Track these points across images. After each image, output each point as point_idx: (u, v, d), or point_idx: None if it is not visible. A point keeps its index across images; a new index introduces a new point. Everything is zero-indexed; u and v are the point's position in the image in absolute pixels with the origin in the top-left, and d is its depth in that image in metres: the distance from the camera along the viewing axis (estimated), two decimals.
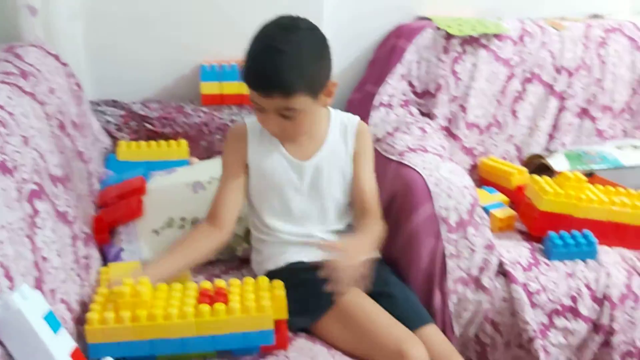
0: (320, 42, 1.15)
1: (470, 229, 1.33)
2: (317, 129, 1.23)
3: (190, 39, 1.73)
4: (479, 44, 1.81)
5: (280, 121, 1.13)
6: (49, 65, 1.37)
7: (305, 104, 1.12)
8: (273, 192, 1.23)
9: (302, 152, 1.23)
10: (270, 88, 1.09)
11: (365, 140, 1.27)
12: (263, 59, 1.10)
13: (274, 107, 1.11)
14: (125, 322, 0.95)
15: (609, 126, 1.98)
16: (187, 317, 0.96)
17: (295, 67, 1.08)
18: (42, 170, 1.02)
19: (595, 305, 1.39)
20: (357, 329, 1.10)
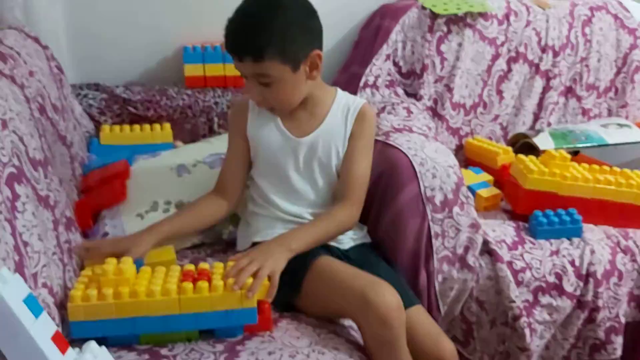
0: (302, 10, 1.15)
1: (455, 208, 1.34)
2: (317, 105, 1.23)
3: (172, 20, 1.71)
4: (464, 24, 1.80)
5: (260, 89, 1.15)
6: (28, 47, 1.35)
7: (280, 71, 1.11)
8: (269, 166, 1.25)
9: (299, 129, 1.23)
10: (240, 51, 1.11)
11: (365, 123, 1.24)
12: (236, 22, 1.13)
13: (249, 72, 1.13)
14: (107, 299, 0.94)
15: (594, 105, 1.98)
16: (170, 294, 0.95)
17: (266, 31, 1.09)
18: (21, 153, 1.01)
19: (580, 282, 1.40)
20: (327, 285, 1.09)
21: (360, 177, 1.24)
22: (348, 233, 1.26)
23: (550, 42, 1.89)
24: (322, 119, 1.23)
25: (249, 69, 1.12)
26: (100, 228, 1.29)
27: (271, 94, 1.15)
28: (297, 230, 1.17)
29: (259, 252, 1.07)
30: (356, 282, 1.05)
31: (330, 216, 1.20)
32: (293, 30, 1.12)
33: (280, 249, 1.09)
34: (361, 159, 1.24)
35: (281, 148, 1.23)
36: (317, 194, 1.25)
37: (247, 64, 1.11)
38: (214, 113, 1.70)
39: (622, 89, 2.00)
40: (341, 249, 1.24)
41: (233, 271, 1.00)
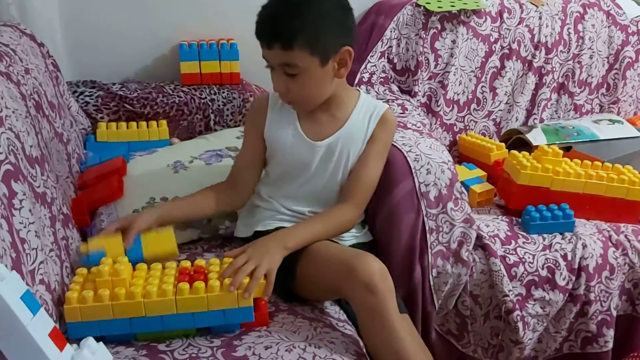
0: (337, 4, 1.14)
1: (449, 204, 1.35)
2: (339, 108, 1.22)
3: (168, 18, 1.71)
4: (458, 21, 1.81)
5: (285, 80, 1.13)
6: (24, 45, 1.35)
7: (308, 62, 1.10)
8: (282, 167, 1.25)
9: (318, 132, 1.22)
10: (270, 37, 1.09)
11: (385, 129, 1.24)
12: (269, 7, 1.11)
13: (277, 61, 1.11)
14: (104, 300, 0.95)
15: (586, 101, 2.00)
16: (167, 295, 0.96)
17: (298, 18, 1.08)
18: (18, 150, 1.01)
19: (572, 276, 1.42)
20: (319, 264, 1.10)
21: (369, 180, 1.23)
22: (350, 231, 1.28)
23: (543, 39, 1.91)
24: (344, 122, 1.23)
25: (277, 57, 1.10)
26: (97, 224, 1.30)
27: (296, 86, 1.13)
28: (296, 227, 1.17)
29: (255, 249, 1.08)
30: (343, 255, 1.07)
31: (331, 215, 1.20)
32: (327, 22, 1.10)
33: (276, 246, 1.09)
34: (374, 163, 1.24)
35: (297, 151, 1.22)
36: (326, 195, 1.26)
37: (275, 51, 1.09)
38: (209, 110, 1.71)
39: (613, 85, 2.02)
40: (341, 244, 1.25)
41: (229, 270, 1.01)
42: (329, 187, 1.26)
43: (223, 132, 1.62)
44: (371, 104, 1.26)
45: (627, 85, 2.03)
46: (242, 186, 1.28)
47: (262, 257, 1.05)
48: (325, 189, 1.26)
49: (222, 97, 1.71)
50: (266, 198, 1.28)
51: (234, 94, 1.72)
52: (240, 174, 1.28)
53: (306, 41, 1.08)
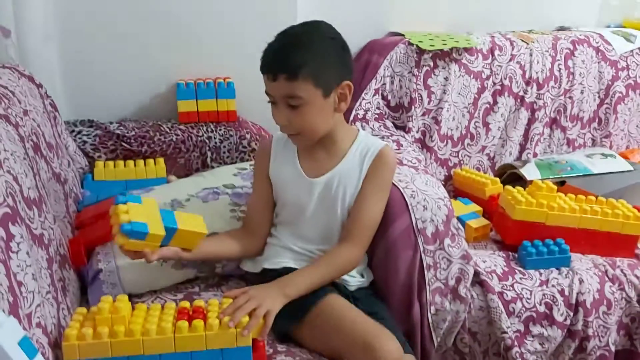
0: (339, 43, 1.18)
1: (446, 240, 1.35)
2: (337, 144, 1.25)
3: (165, 57, 1.73)
4: (450, 58, 1.85)
5: (288, 113, 1.15)
6: (22, 86, 1.37)
7: (312, 94, 1.13)
8: (285, 203, 1.28)
9: (316, 169, 1.25)
10: (275, 68, 1.13)
11: (381, 166, 1.24)
12: (276, 41, 1.16)
13: (281, 93, 1.14)
14: (102, 337, 0.94)
15: (579, 135, 2.03)
16: (166, 333, 0.96)
17: (303, 51, 1.12)
18: (15, 193, 1.02)
19: (570, 311, 1.42)
20: (331, 325, 1.10)
21: (368, 219, 1.24)
22: (355, 275, 1.28)
23: (535, 75, 1.94)
24: (340, 159, 1.25)
25: (280, 89, 1.13)
26: (93, 265, 1.29)
27: (299, 118, 1.15)
28: (298, 274, 1.17)
29: (257, 291, 1.08)
30: (360, 327, 1.07)
31: (333, 258, 1.21)
32: (330, 57, 1.15)
33: (277, 292, 1.10)
34: (371, 201, 1.24)
35: (297, 187, 1.25)
36: (329, 232, 1.27)
37: (279, 83, 1.12)
38: (206, 147, 1.72)
39: (605, 119, 2.05)
40: (349, 290, 1.26)
41: (230, 309, 1.01)
42: (331, 225, 1.27)
43: (220, 170, 1.62)
44: (369, 142, 1.28)
45: (619, 119, 2.06)
46: (257, 231, 1.30)
47: (263, 298, 1.06)
48: (328, 227, 1.27)
49: (219, 134, 1.73)
50: (275, 235, 1.29)
51: (230, 131, 1.74)
52: (253, 219, 1.31)
53: (310, 72, 1.12)
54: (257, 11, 1.74)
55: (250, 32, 1.74)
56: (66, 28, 1.63)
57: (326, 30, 1.18)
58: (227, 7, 1.72)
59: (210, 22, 1.73)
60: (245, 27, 1.74)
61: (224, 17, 1.73)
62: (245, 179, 1.52)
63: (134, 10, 1.67)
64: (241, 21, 1.74)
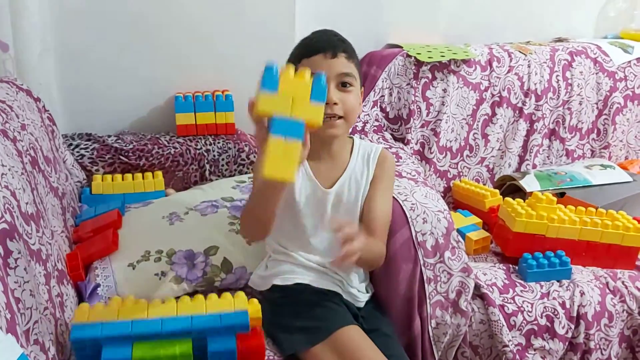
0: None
1: (447, 253, 1.35)
2: (340, 153, 1.27)
3: (163, 70, 1.74)
4: (448, 70, 1.85)
5: (339, 92, 1.18)
6: (20, 100, 1.36)
7: (357, 79, 1.21)
8: (296, 215, 1.24)
9: (327, 179, 1.24)
10: (336, 45, 1.18)
11: (386, 167, 1.28)
12: (325, 32, 1.24)
13: (338, 70, 1.18)
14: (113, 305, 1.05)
15: (578, 146, 2.03)
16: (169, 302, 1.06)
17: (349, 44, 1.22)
18: (13, 208, 1.01)
19: (571, 324, 1.41)
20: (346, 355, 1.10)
21: (383, 216, 1.26)
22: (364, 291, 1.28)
23: (533, 86, 1.95)
24: (345, 167, 1.26)
25: (340, 66, 1.18)
26: (91, 279, 1.28)
27: (349, 97, 1.19)
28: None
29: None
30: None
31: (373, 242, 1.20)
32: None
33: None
34: (383, 199, 1.26)
35: (311, 200, 1.23)
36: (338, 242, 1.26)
37: (339, 60, 1.17)
38: (205, 160, 1.72)
39: (604, 130, 2.05)
40: (357, 306, 1.26)
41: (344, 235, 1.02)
42: None
43: (218, 182, 1.62)
44: (367, 147, 1.30)
45: (617, 130, 2.06)
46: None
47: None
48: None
49: (217, 147, 1.72)
50: (284, 251, 1.26)
51: (229, 144, 1.73)
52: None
53: (357, 62, 1.22)
54: (256, 24, 1.74)
55: (249, 45, 1.74)
56: (64, 42, 1.64)
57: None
58: (225, 20, 1.73)
59: (209, 35, 1.73)
60: (244, 40, 1.75)
61: (223, 30, 1.73)
62: (244, 192, 1.52)
63: (131, 24, 1.67)
64: (239, 34, 1.74)
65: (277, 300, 1.18)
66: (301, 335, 1.12)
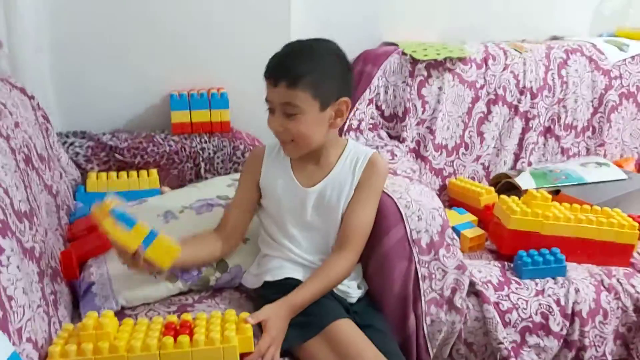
0: (343, 61, 1.21)
1: (441, 250, 1.35)
2: (326, 156, 1.26)
3: (159, 68, 1.73)
4: (444, 68, 1.85)
5: (283, 120, 1.17)
6: (14, 98, 1.36)
7: (309, 104, 1.15)
8: (280, 213, 1.27)
9: (309, 179, 1.26)
10: (278, 74, 1.15)
11: (372, 173, 1.26)
12: (283, 49, 1.19)
13: (279, 100, 1.15)
14: (87, 354, 0.93)
15: (573, 144, 2.03)
16: (150, 350, 0.94)
17: (306, 62, 1.14)
18: (6, 206, 1.01)
19: (566, 321, 1.41)
20: (345, 356, 1.10)
21: (361, 225, 1.25)
22: (355, 288, 1.29)
23: (528, 84, 1.95)
24: (330, 169, 1.26)
25: (280, 95, 1.15)
26: (86, 277, 1.28)
27: (293, 125, 1.17)
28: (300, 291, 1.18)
29: (278, 331, 1.11)
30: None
31: (329, 269, 1.22)
32: (332, 72, 1.17)
33: (289, 317, 1.15)
34: (364, 207, 1.25)
35: (291, 198, 1.26)
36: (325, 239, 1.27)
37: (280, 89, 1.14)
38: (200, 158, 1.71)
39: (599, 128, 2.06)
40: (349, 302, 1.26)
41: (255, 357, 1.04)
42: (329, 235, 1.27)
43: (213, 181, 1.62)
44: (359, 150, 1.29)
45: (612, 128, 2.06)
46: (228, 233, 1.30)
47: (280, 339, 1.11)
48: (326, 236, 1.27)
49: (212, 145, 1.72)
50: (274, 246, 1.29)
51: (224, 142, 1.73)
52: (227, 222, 1.30)
53: (310, 83, 1.14)
54: (251, 22, 1.74)
55: (244, 42, 1.74)
56: (58, 40, 1.63)
57: (333, 47, 1.20)
58: (220, 18, 1.73)
59: (204, 33, 1.73)
60: (239, 38, 1.75)
61: (218, 29, 1.73)
62: None
63: (126, 22, 1.67)
64: (235, 32, 1.74)
65: (270, 297, 1.18)
66: (294, 330, 1.13)
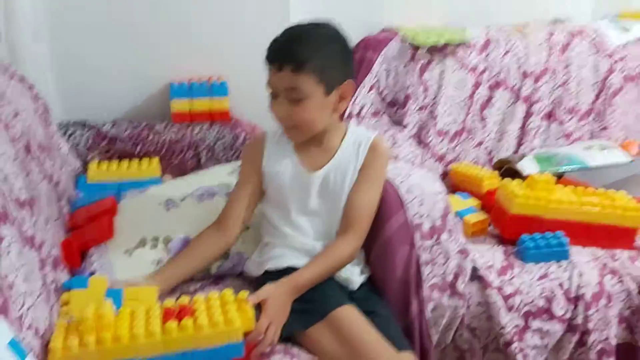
0: (346, 45, 1.19)
1: (443, 235, 1.34)
2: (329, 139, 1.25)
3: (158, 57, 1.73)
4: (445, 53, 1.84)
5: (287, 106, 1.15)
6: (13, 87, 1.35)
7: (313, 89, 1.13)
8: (283, 199, 1.26)
9: (312, 164, 1.25)
10: (282, 59, 1.12)
11: (375, 156, 1.25)
12: (286, 32, 1.16)
13: (284, 85, 1.14)
14: (89, 346, 0.92)
15: (576, 128, 2.02)
16: (154, 336, 0.94)
17: (311, 44, 1.13)
18: (6, 194, 1.01)
19: (570, 305, 1.41)
20: (348, 342, 1.10)
21: (364, 209, 1.24)
22: (358, 274, 1.28)
23: (530, 68, 1.93)
24: (334, 153, 1.25)
25: (284, 80, 1.13)
26: (87, 266, 1.28)
27: (298, 111, 1.15)
28: (301, 274, 1.18)
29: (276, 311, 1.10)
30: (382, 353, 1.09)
31: (333, 252, 1.22)
32: (336, 56, 1.16)
33: (289, 302, 1.14)
34: (367, 190, 1.25)
35: (295, 182, 1.25)
36: (329, 225, 1.27)
37: (284, 74, 1.12)
38: (201, 147, 1.71)
39: (602, 111, 2.04)
40: (351, 289, 1.25)
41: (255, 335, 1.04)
42: (333, 223, 1.26)
43: (214, 169, 1.61)
44: (360, 133, 1.28)
45: (616, 111, 2.05)
46: (229, 224, 1.28)
47: (281, 320, 1.10)
48: (330, 222, 1.26)
49: (213, 134, 1.72)
50: (274, 233, 1.28)
51: (224, 130, 1.73)
52: (229, 212, 1.29)
53: (315, 67, 1.12)
54: (250, 10, 1.73)
55: (243, 30, 1.73)
56: (58, 28, 1.63)
57: (334, 30, 1.19)
58: (219, 6, 1.72)
59: (203, 21, 1.72)
60: (238, 25, 1.74)
61: (217, 17, 1.72)
62: None
63: (126, 11, 1.66)
64: (234, 20, 1.73)
65: None
66: (296, 316, 1.12)
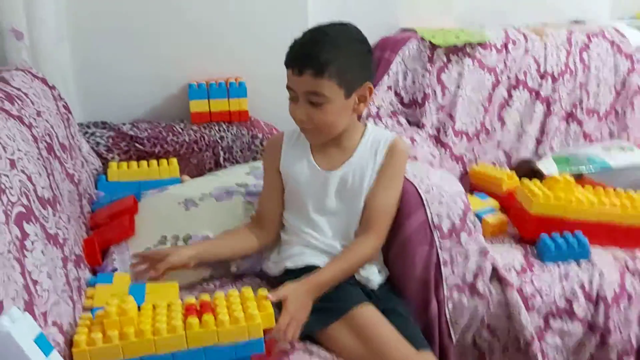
0: (366, 46, 1.19)
1: (463, 235, 1.33)
2: (348, 139, 1.25)
3: (177, 58, 1.74)
4: (463, 53, 1.83)
5: (307, 108, 1.16)
6: (35, 88, 1.37)
7: (334, 93, 1.14)
8: (300, 198, 1.27)
9: (330, 163, 1.26)
10: (303, 63, 1.12)
11: (394, 157, 1.25)
12: (306, 36, 1.17)
13: (304, 89, 1.14)
14: (113, 340, 0.94)
15: (596, 129, 2.00)
16: (177, 331, 0.95)
17: (331, 48, 1.12)
18: (30, 192, 1.02)
19: (590, 305, 1.39)
20: (367, 340, 1.11)
21: (384, 208, 1.25)
22: (376, 273, 1.28)
23: (549, 68, 1.92)
24: (352, 153, 1.25)
25: (305, 84, 1.13)
26: (108, 264, 1.29)
27: (318, 114, 1.16)
28: (322, 274, 1.18)
29: (294, 305, 1.10)
30: (401, 351, 1.10)
31: (354, 252, 1.23)
32: (356, 58, 1.16)
33: (309, 301, 1.14)
34: (387, 190, 1.25)
35: (313, 182, 1.25)
36: (347, 225, 1.27)
37: (305, 78, 1.12)
38: (219, 147, 1.72)
39: (622, 112, 2.02)
40: (371, 288, 1.26)
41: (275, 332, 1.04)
42: (352, 220, 1.27)
43: (233, 169, 1.62)
44: (379, 134, 1.28)
45: (636, 111, 2.03)
46: (268, 223, 1.31)
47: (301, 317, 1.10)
48: (348, 222, 1.27)
49: (231, 134, 1.73)
50: (293, 231, 1.29)
51: (242, 131, 1.74)
52: (265, 211, 1.32)
53: (336, 71, 1.12)
54: (268, 11, 1.74)
55: (261, 31, 1.74)
56: (79, 30, 1.64)
57: (354, 32, 1.19)
58: (238, 7, 1.72)
59: (222, 22, 1.73)
60: (256, 27, 1.74)
61: (235, 18, 1.73)
62: (258, 177, 1.51)
63: (145, 12, 1.67)
64: (252, 21, 1.74)
65: None
66: (316, 315, 1.13)
